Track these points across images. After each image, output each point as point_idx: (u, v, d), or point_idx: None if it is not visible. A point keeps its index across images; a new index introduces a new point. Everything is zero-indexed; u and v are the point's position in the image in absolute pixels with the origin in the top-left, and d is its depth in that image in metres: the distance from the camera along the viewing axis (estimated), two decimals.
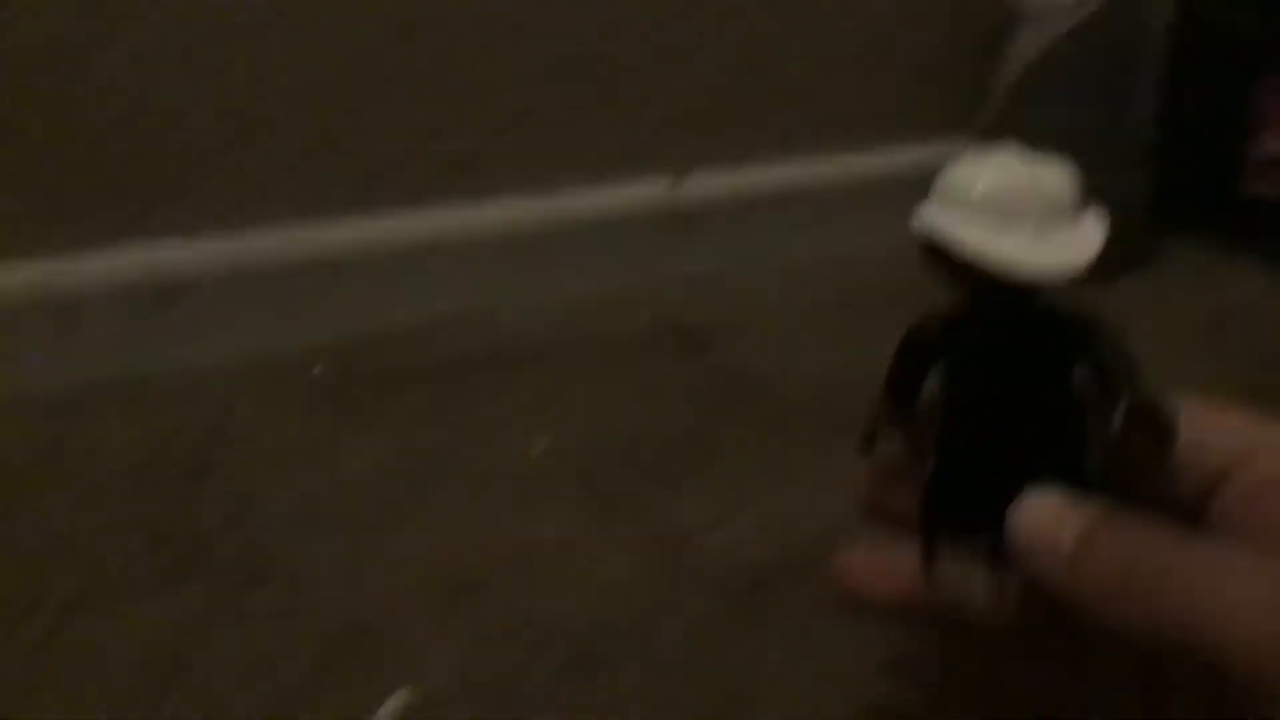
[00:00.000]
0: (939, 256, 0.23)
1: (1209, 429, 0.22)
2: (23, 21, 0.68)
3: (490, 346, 0.77)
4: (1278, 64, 0.86)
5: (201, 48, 0.72)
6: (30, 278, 0.71)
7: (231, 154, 0.75)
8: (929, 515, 0.23)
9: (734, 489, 0.59)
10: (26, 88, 0.69)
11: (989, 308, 0.22)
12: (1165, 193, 0.90)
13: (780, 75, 0.91)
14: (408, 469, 0.61)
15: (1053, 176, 0.23)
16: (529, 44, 0.82)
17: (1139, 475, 0.22)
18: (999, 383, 0.23)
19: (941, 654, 0.26)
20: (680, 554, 0.54)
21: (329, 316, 0.77)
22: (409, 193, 0.81)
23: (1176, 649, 0.18)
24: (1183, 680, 0.20)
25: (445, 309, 0.82)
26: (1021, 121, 0.85)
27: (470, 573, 0.52)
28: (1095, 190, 0.89)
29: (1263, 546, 0.20)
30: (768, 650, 0.48)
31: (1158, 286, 0.87)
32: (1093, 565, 0.20)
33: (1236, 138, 0.89)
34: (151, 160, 0.72)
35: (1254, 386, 0.57)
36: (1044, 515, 0.21)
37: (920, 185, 0.96)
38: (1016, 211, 0.22)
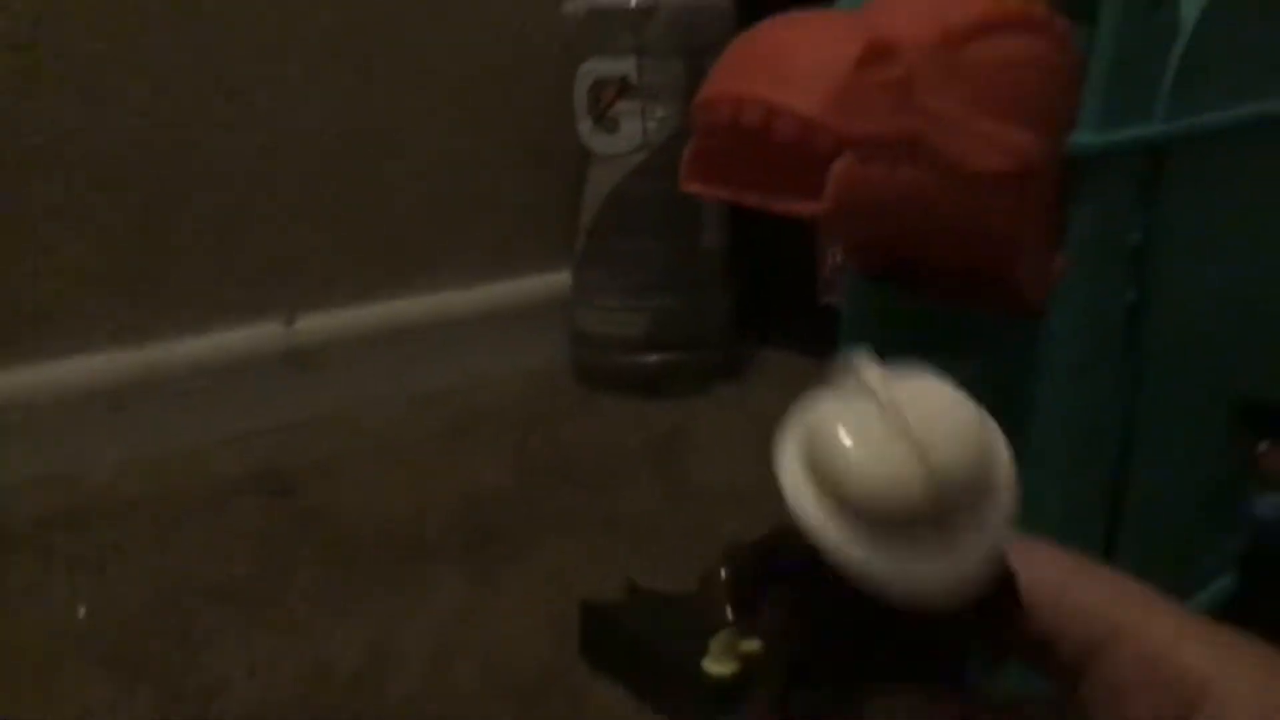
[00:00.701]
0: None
1: (1067, 613, 0.21)
2: None
3: (64, 508, 0.73)
4: None
5: None
6: None
7: None
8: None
9: (279, 636, 0.59)
10: None
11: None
12: (748, 308, 0.99)
13: (391, 216, 0.94)
14: None
15: (948, 464, 0.17)
16: (120, 185, 0.81)
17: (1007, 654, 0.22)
18: (847, 611, 0.20)
19: None
20: (201, 714, 0.53)
21: None
22: None
23: None
24: None
25: (26, 472, 0.78)
26: (607, 251, 0.91)
27: None
28: (677, 311, 0.96)
29: None
30: None
31: (745, 391, 0.95)
32: None
33: (808, 255, 0.99)
34: None
35: None
36: None
37: (528, 314, 1.01)
38: (905, 517, 0.17)
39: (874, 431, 0.17)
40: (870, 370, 0.18)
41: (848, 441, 0.17)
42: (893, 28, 0.35)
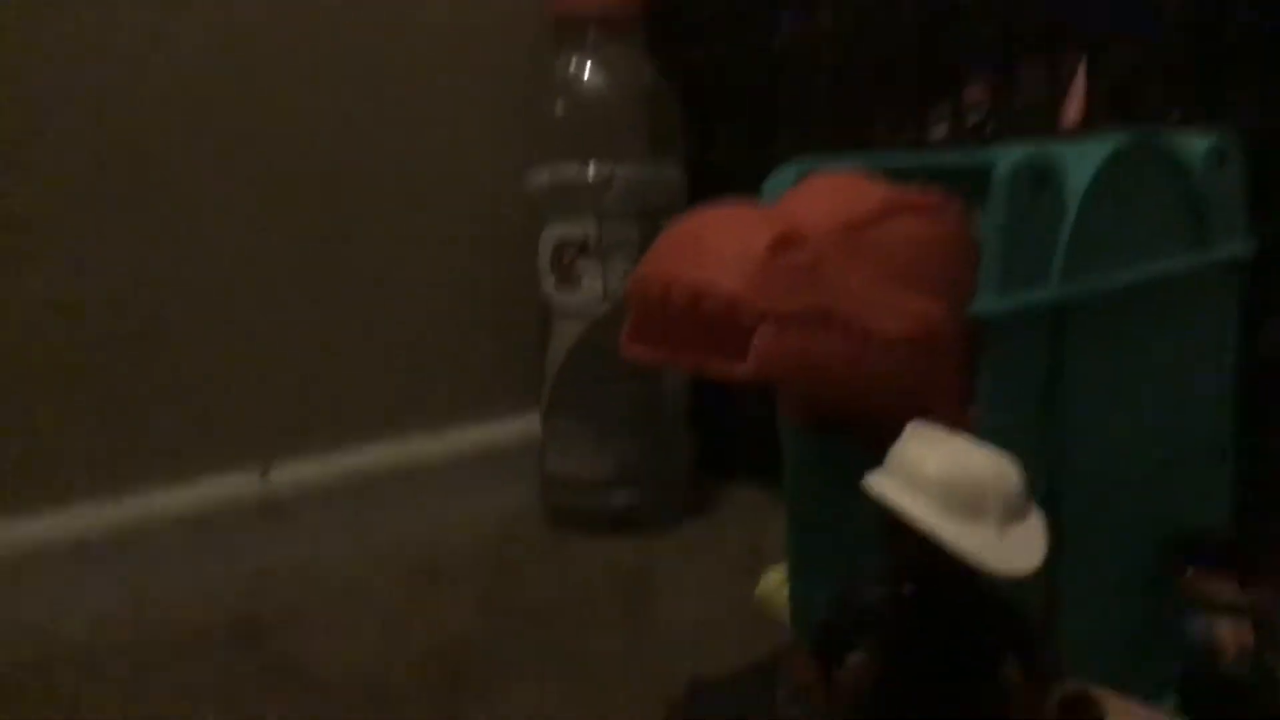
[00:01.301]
0: (900, 531, 0.23)
1: None
2: None
3: (35, 660, 0.75)
4: None
5: None
6: None
7: None
8: None
9: None
10: None
11: (936, 586, 0.23)
12: (711, 446, 1.02)
13: (364, 370, 0.98)
14: None
15: (1009, 471, 0.24)
16: (99, 351, 0.85)
17: None
18: (934, 663, 0.24)
19: None
20: None
21: None
22: None
23: None
24: None
25: None
26: (574, 400, 0.95)
27: None
28: (643, 452, 0.99)
29: None
30: None
31: (710, 527, 0.97)
32: None
33: (767, 393, 1.03)
34: None
35: None
36: None
37: (498, 459, 1.05)
38: (981, 502, 0.23)
39: (954, 443, 0.24)
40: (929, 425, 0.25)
41: (931, 446, 0.24)
42: (801, 218, 0.40)
